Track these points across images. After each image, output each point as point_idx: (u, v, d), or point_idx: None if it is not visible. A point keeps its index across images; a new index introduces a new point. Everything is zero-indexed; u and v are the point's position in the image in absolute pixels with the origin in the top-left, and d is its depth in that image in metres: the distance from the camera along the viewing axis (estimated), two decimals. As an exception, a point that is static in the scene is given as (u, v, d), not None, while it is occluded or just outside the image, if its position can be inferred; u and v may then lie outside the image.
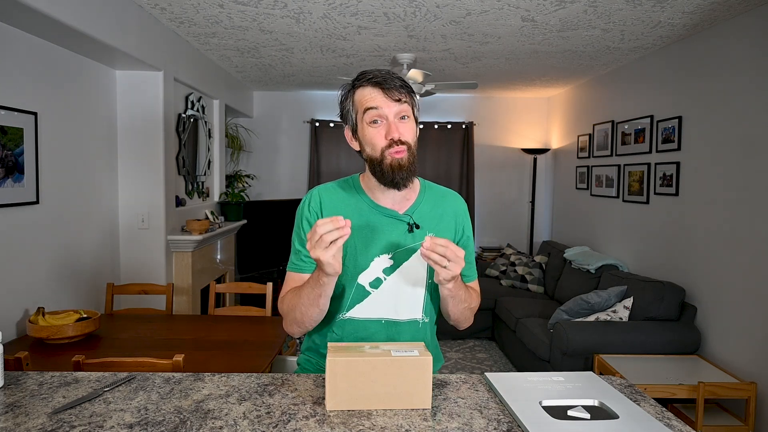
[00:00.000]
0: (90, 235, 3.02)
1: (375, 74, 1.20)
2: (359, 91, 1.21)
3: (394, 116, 1.19)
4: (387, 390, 0.99)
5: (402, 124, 1.20)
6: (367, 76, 1.20)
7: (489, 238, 6.01)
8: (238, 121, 5.58)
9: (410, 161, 1.20)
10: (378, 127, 1.19)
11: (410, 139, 1.21)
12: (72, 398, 1.03)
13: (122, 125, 3.30)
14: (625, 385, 1.15)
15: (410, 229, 1.26)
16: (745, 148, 2.89)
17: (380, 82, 1.18)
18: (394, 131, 1.18)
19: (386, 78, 1.18)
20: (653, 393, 2.53)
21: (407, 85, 1.22)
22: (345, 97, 1.24)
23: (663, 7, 2.85)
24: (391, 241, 1.26)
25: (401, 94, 1.19)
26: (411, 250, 1.26)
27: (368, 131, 1.20)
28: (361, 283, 1.25)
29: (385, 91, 1.17)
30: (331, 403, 0.99)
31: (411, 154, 1.20)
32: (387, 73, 1.19)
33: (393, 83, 1.18)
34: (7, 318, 2.36)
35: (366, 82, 1.20)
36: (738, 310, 2.91)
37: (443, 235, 1.29)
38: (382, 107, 1.18)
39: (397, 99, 1.18)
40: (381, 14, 3.03)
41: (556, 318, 3.45)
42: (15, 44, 2.37)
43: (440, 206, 1.32)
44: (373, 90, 1.18)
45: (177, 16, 3.12)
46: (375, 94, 1.18)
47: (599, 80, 4.68)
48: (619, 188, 4.25)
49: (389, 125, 1.18)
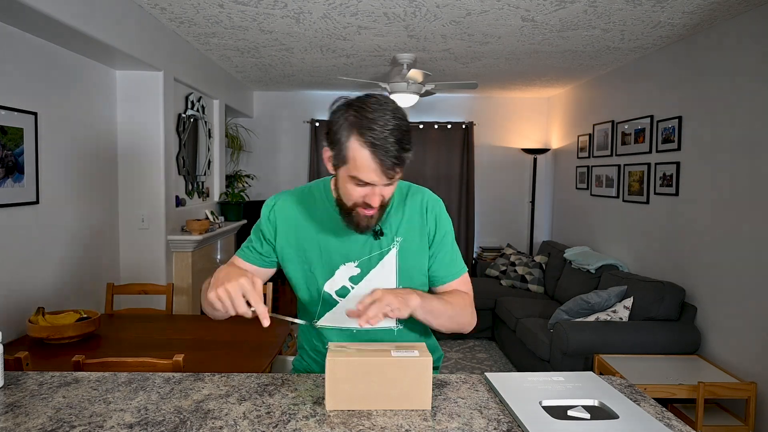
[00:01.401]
0: (90, 236, 3.01)
1: (377, 140, 1.03)
2: (357, 148, 1.05)
3: (381, 185, 1.10)
4: (387, 390, 0.99)
5: (387, 188, 1.12)
6: (368, 135, 1.03)
7: (489, 238, 6.01)
8: (238, 121, 5.58)
9: (378, 218, 1.16)
10: (361, 187, 1.09)
11: (389, 196, 1.14)
12: (72, 398, 1.03)
13: (122, 125, 3.30)
14: (625, 385, 1.15)
15: (375, 236, 1.23)
16: (745, 148, 2.89)
17: (380, 158, 1.04)
18: (375, 200, 1.10)
19: (388, 153, 1.04)
20: (653, 393, 2.52)
21: (407, 147, 1.07)
22: (341, 129, 1.07)
23: (663, 7, 2.85)
24: (358, 248, 1.23)
25: (398, 169, 1.07)
26: (377, 257, 1.24)
27: (348, 186, 1.11)
28: (327, 291, 1.25)
29: (383, 169, 1.05)
30: (331, 402, 0.99)
31: (382, 209, 1.15)
32: (389, 140, 1.04)
33: (393, 161, 1.05)
34: (7, 318, 2.36)
35: (366, 145, 1.04)
36: (738, 310, 2.91)
37: (411, 234, 1.25)
38: (373, 182, 1.08)
39: (391, 177, 1.07)
40: (381, 14, 3.03)
41: (556, 318, 3.45)
42: (15, 44, 2.37)
43: (407, 206, 1.27)
44: (371, 161, 1.04)
45: (177, 16, 3.12)
46: (371, 167, 1.05)
47: (599, 80, 4.68)
48: (619, 188, 4.25)
49: (372, 192, 1.10)
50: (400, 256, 1.24)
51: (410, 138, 1.09)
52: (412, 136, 1.10)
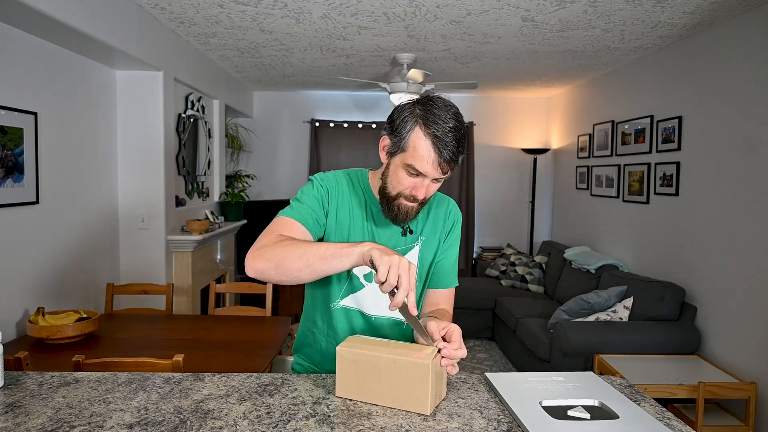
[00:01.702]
0: (90, 235, 3.01)
1: (441, 134, 1.09)
2: (419, 137, 1.11)
3: (432, 179, 1.15)
4: (390, 388, 1.00)
5: (434, 184, 1.17)
6: (433, 127, 1.10)
7: (489, 238, 6.01)
8: (238, 121, 5.58)
9: (416, 213, 1.20)
10: (412, 177, 1.15)
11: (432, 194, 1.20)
12: (72, 398, 1.03)
13: (122, 125, 3.30)
14: (625, 385, 1.15)
15: (404, 232, 1.28)
16: (745, 148, 2.89)
17: (440, 151, 1.10)
18: (422, 193, 1.15)
19: (447, 148, 1.10)
20: (653, 393, 2.52)
21: (462, 150, 1.14)
22: (406, 121, 1.13)
23: (663, 7, 2.85)
24: (387, 239, 1.28)
25: (452, 165, 1.13)
26: (404, 251, 1.28)
27: (401, 174, 1.16)
28: (356, 273, 1.27)
29: (440, 161, 1.11)
30: (339, 390, 1.04)
31: (421, 206, 1.20)
32: (451, 138, 1.10)
33: (450, 156, 1.11)
34: (7, 318, 2.36)
35: (430, 136, 1.10)
36: (738, 310, 2.91)
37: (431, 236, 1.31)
38: (428, 173, 1.13)
39: (445, 172, 1.13)
40: (381, 14, 3.03)
41: (556, 318, 3.45)
42: (15, 44, 2.37)
43: (433, 210, 1.33)
44: (431, 151, 1.10)
45: (177, 16, 3.12)
46: (430, 158, 1.11)
47: (599, 80, 4.68)
48: (619, 188, 4.25)
49: (422, 185, 1.15)
50: (420, 254, 1.30)
51: (465, 143, 1.15)
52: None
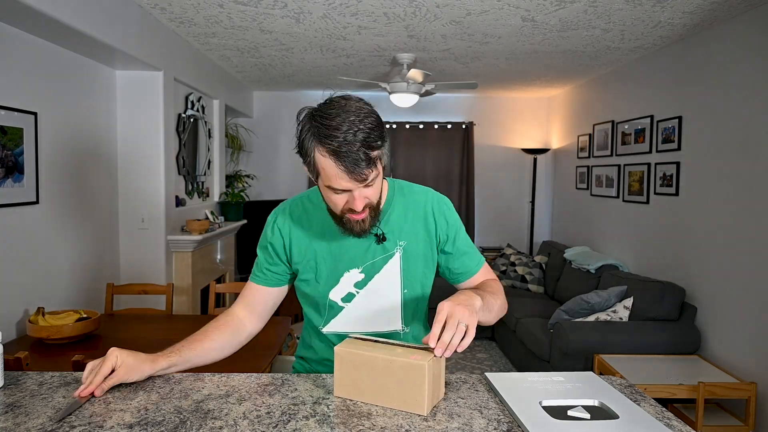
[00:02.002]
0: (90, 235, 3.01)
1: (339, 148, 1.00)
2: (321, 158, 1.03)
3: (358, 189, 1.07)
4: (387, 389, 1.00)
5: (366, 189, 1.08)
6: (329, 143, 1.00)
7: (489, 238, 6.01)
8: (238, 121, 5.58)
9: (372, 221, 1.14)
10: (340, 194, 1.08)
11: (374, 197, 1.11)
12: (72, 398, 1.03)
13: (122, 125, 3.30)
14: (625, 385, 1.15)
15: (378, 240, 1.22)
16: (745, 148, 2.89)
17: (345, 165, 1.00)
18: (357, 204, 1.07)
19: (351, 158, 1.00)
20: (653, 393, 2.52)
21: (374, 145, 1.03)
22: (305, 142, 1.05)
23: (663, 7, 2.85)
24: (361, 254, 1.23)
25: (368, 170, 1.03)
26: (381, 261, 1.23)
27: (329, 195, 1.09)
28: (332, 299, 1.25)
29: (351, 174, 1.02)
30: (338, 390, 1.04)
31: (374, 211, 1.13)
32: (352, 144, 1.00)
33: (359, 165, 1.01)
34: (7, 318, 2.36)
35: (329, 153, 1.01)
36: (738, 310, 2.91)
37: (415, 237, 1.24)
38: (346, 188, 1.05)
39: (363, 179, 1.03)
40: (381, 14, 3.02)
41: (556, 318, 3.45)
42: (15, 44, 2.37)
43: (409, 208, 1.25)
44: (337, 168, 1.02)
45: (177, 16, 3.12)
46: (339, 175, 1.02)
47: (599, 80, 4.68)
48: (619, 188, 4.25)
49: (352, 197, 1.08)
50: (404, 260, 1.24)
51: (380, 133, 1.04)
52: (383, 129, 1.06)
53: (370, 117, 1.03)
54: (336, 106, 1.03)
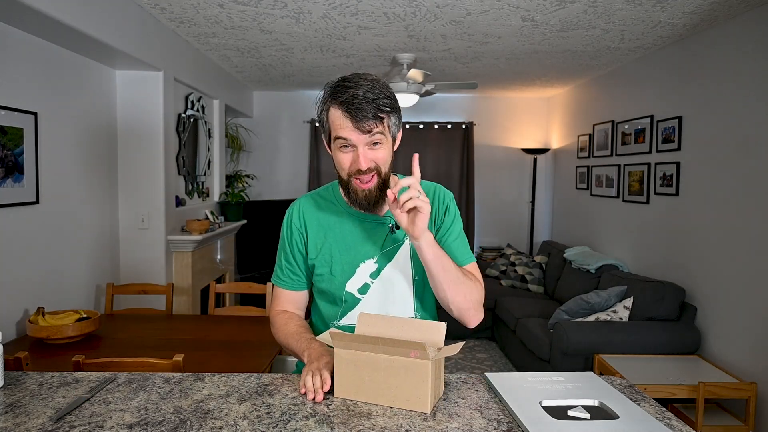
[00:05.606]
0: (90, 235, 3.01)
1: (348, 99, 1.10)
2: (332, 111, 1.14)
3: (364, 145, 1.13)
4: (389, 388, 1.00)
5: (372, 151, 1.14)
6: (340, 97, 1.12)
7: (489, 238, 6.01)
8: (238, 121, 5.58)
9: (377, 191, 1.17)
10: (347, 152, 1.15)
11: (382, 163, 1.16)
12: (72, 398, 1.03)
13: (122, 125, 3.30)
14: (625, 385, 1.15)
15: (392, 230, 1.27)
16: (745, 148, 2.89)
17: (351, 111, 1.10)
18: (361, 162, 1.13)
19: (358, 107, 1.09)
20: (653, 393, 2.52)
21: (384, 107, 1.12)
22: (321, 109, 1.18)
23: (663, 7, 2.85)
24: (374, 245, 1.27)
25: (373, 123, 1.11)
26: (394, 249, 1.27)
27: (337, 155, 1.17)
28: (349, 291, 1.28)
29: (356, 122, 1.10)
30: (338, 390, 1.04)
31: (380, 179, 1.17)
32: (361, 98, 1.10)
33: (364, 113, 1.09)
34: (7, 318, 2.36)
35: (338, 104, 1.12)
36: (738, 310, 2.91)
37: None
38: (350, 138, 1.12)
39: (367, 130, 1.11)
40: (381, 14, 3.02)
41: (556, 318, 3.45)
42: (15, 44, 2.37)
43: None
44: (344, 117, 1.11)
45: (177, 16, 3.12)
46: (345, 123, 1.11)
47: (599, 80, 4.68)
48: (619, 188, 4.25)
49: (357, 155, 1.14)
50: (413, 247, 1.26)
51: (391, 102, 1.14)
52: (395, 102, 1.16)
53: (383, 87, 1.14)
54: (355, 77, 1.15)
